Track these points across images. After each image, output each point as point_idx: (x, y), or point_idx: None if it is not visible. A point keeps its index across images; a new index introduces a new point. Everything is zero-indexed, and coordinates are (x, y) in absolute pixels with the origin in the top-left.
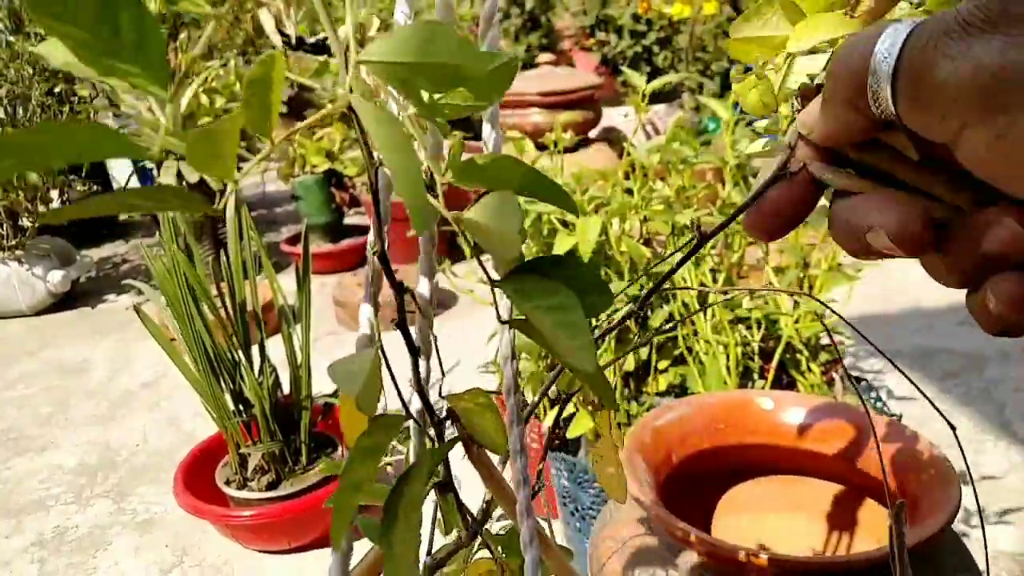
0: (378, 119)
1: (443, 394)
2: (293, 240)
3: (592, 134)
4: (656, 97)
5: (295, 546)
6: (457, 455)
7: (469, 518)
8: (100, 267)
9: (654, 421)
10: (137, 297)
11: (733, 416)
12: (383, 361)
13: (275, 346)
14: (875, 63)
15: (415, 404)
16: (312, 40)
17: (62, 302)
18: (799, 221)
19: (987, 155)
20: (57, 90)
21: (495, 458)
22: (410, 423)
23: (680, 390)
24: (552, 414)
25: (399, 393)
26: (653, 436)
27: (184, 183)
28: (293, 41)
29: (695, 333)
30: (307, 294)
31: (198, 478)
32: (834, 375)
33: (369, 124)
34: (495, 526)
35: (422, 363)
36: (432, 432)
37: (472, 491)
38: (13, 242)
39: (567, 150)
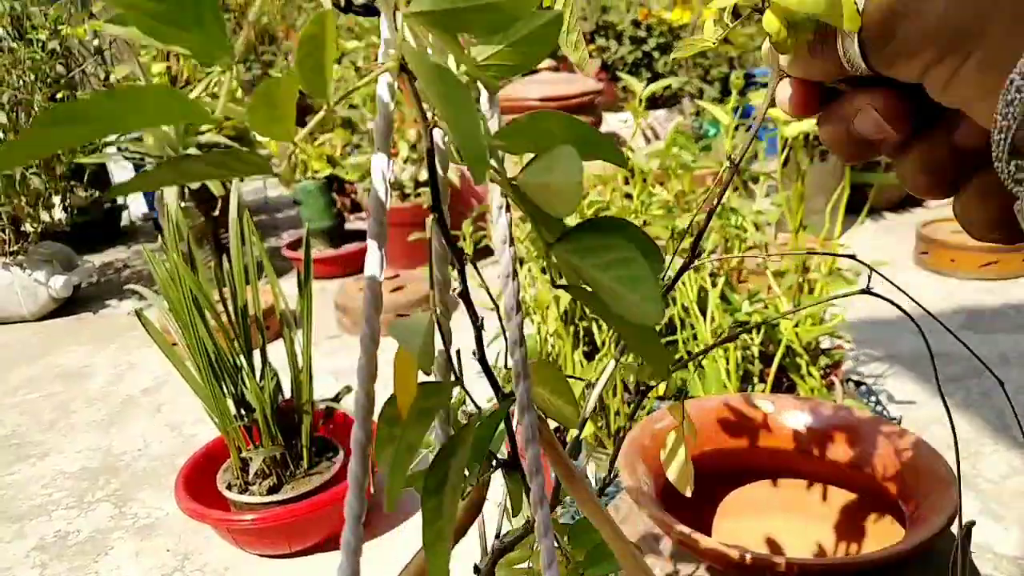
0: (434, 72)
1: (508, 365)
2: (294, 245)
3: None
4: (656, 103)
5: (296, 550)
6: None
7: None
8: (102, 273)
9: (654, 424)
10: (139, 302)
11: (733, 419)
12: (438, 327)
13: (277, 351)
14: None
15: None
16: (361, 1)
17: (64, 308)
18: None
19: (947, 89)
20: (59, 96)
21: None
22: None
23: (680, 394)
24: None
25: (450, 360)
26: (654, 439)
27: (186, 189)
28: (342, 3)
29: (695, 337)
30: (308, 299)
31: (199, 482)
32: (834, 379)
33: (425, 77)
34: (563, 516)
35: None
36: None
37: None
38: (15, 248)
39: None
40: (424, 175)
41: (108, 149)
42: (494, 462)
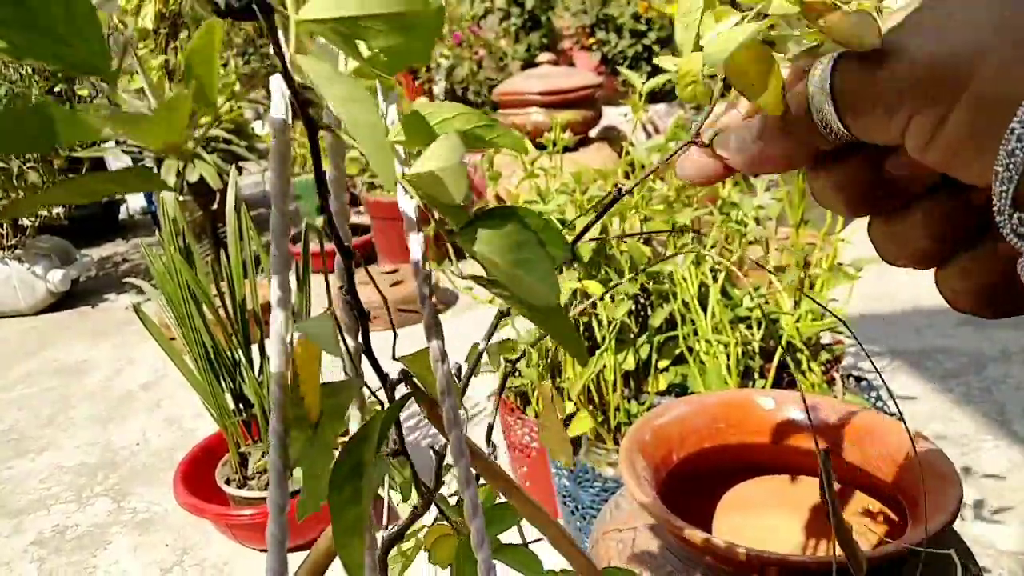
0: (331, 77)
1: (396, 357)
2: (293, 240)
3: (592, 133)
4: (656, 96)
5: (295, 545)
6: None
7: (423, 488)
8: (100, 267)
9: (654, 420)
10: (137, 297)
11: (733, 415)
12: (338, 329)
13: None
14: (812, 91)
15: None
16: (237, 3)
17: (62, 302)
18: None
19: (930, 146)
20: (57, 89)
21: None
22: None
23: (680, 389)
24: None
25: (348, 358)
26: (653, 435)
27: (185, 182)
28: (222, 5)
29: (695, 332)
30: (307, 294)
31: (198, 477)
32: (835, 374)
33: (322, 84)
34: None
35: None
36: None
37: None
38: (13, 241)
39: (567, 149)
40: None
41: (106, 143)
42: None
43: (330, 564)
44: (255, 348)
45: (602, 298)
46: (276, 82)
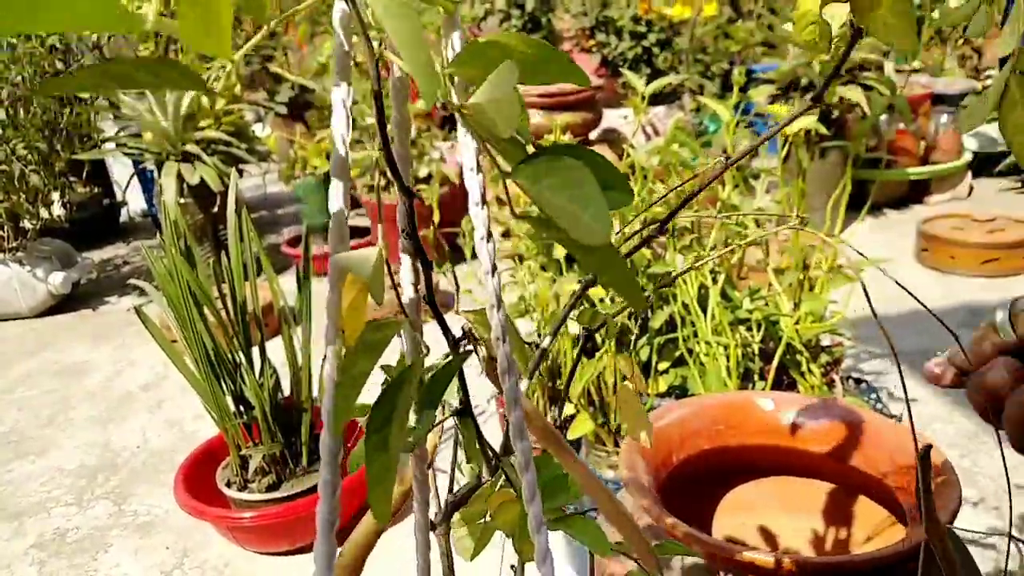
0: None
1: (459, 311)
2: (294, 242)
3: (592, 135)
4: (656, 98)
5: (296, 548)
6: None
7: (490, 452)
8: (101, 269)
9: (655, 422)
10: (138, 299)
11: (734, 417)
12: (386, 262)
13: (276, 348)
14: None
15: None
16: None
17: (63, 304)
18: None
19: None
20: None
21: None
22: (403, 330)
23: (680, 391)
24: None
25: (400, 302)
26: (653, 437)
27: (185, 185)
28: None
29: (695, 334)
30: (308, 296)
31: (199, 480)
32: (834, 376)
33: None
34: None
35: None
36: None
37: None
38: (14, 244)
39: None
40: (423, 172)
41: (107, 145)
42: (447, 410)
43: (379, 536)
44: (256, 350)
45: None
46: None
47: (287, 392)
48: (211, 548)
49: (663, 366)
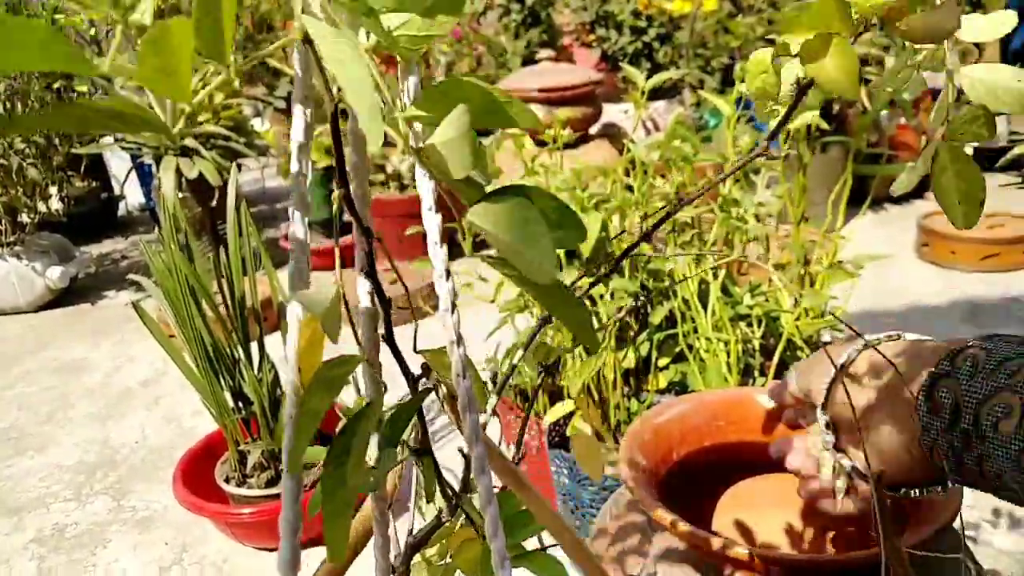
0: (329, 36)
1: (417, 349)
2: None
3: (592, 130)
4: (656, 93)
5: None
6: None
7: (450, 491)
8: (99, 263)
9: (654, 418)
10: (136, 294)
11: (734, 413)
12: (343, 299)
13: (274, 343)
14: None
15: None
16: None
17: (61, 299)
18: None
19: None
20: (55, 86)
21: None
22: (362, 368)
23: (680, 387)
24: (553, 411)
25: (357, 339)
26: (653, 433)
27: (183, 179)
28: None
29: (695, 330)
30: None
31: (197, 475)
32: None
33: (320, 42)
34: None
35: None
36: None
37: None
38: (12, 238)
39: (567, 146)
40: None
41: (105, 139)
42: (406, 450)
43: (355, 557)
44: (254, 345)
45: (601, 297)
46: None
47: None
48: (210, 543)
49: (663, 362)
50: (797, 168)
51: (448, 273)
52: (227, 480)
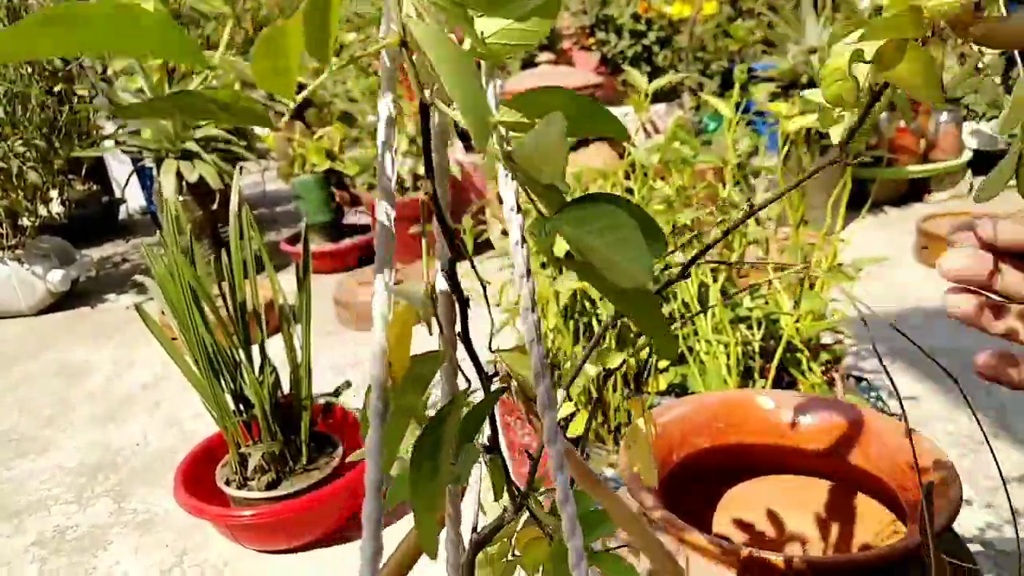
0: (436, 39)
1: (492, 348)
2: (293, 240)
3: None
4: (656, 97)
5: (295, 546)
6: None
7: (515, 491)
8: (100, 267)
9: (655, 419)
10: (138, 297)
11: (734, 415)
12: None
13: (275, 346)
14: None
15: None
16: None
17: (62, 302)
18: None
19: None
20: (56, 89)
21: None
22: (444, 367)
23: (681, 389)
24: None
25: (440, 334)
26: (655, 435)
27: (184, 183)
28: None
29: (695, 333)
30: (307, 294)
31: (198, 478)
32: (834, 375)
33: (427, 44)
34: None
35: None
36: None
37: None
38: (13, 242)
39: None
40: (423, 169)
41: (106, 142)
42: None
43: (417, 558)
44: (256, 348)
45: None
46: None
47: (287, 390)
48: (211, 546)
49: (663, 364)
50: (796, 171)
51: (529, 273)
52: (228, 483)
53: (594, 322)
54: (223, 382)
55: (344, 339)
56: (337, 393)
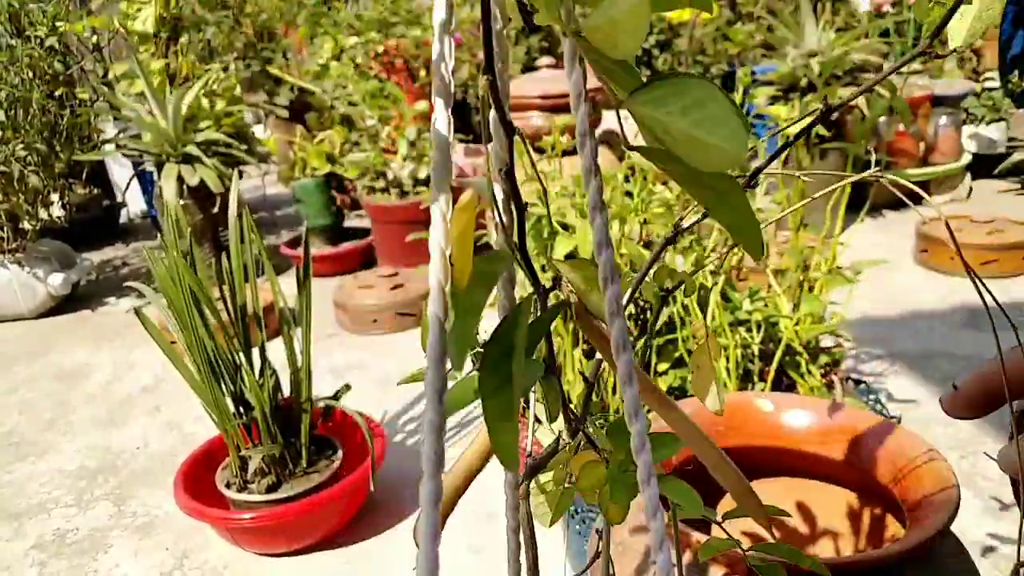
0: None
1: (551, 260)
2: (293, 243)
3: None
4: None
5: (295, 549)
6: None
7: (571, 415)
8: (100, 270)
9: (653, 423)
10: (138, 300)
11: (733, 418)
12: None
13: (276, 349)
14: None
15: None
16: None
17: (62, 305)
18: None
19: None
20: (57, 94)
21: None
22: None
23: (680, 392)
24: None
25: (502, 230)
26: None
27: (185, 186)
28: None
29: (695, 335)
30: (307, 297)
31: (198, 481)
32: (834, 377)
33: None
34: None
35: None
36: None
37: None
38: (13, 245)
39: (566, 153)
40: (423, 173)
41: (106, 146)
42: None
43: (482, 468)
44: (256, 351)
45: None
46: None
47: (287, 393)
48: (211, 549)
49: (662, 367)
50: (797, 175)
51: (597, 169)
52: (228, 486)
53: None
54: (223, 385)
55: (344, 342)
56: (337, 396)
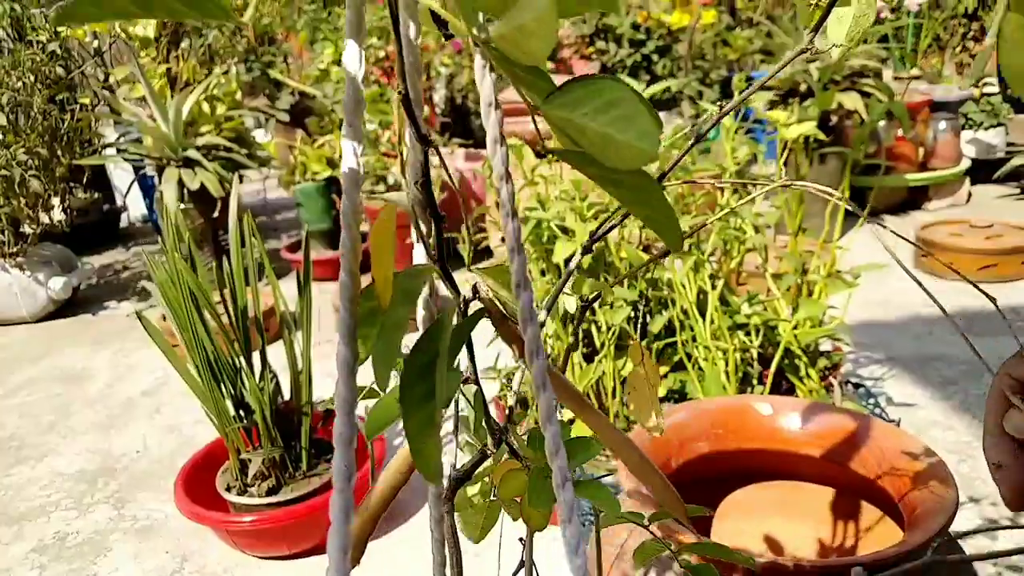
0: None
1: (471, 267)
2: (294, 247)
3: None
4: (655, 105)
5: (295, 552)
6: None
7: (494, 424)
8: (101, 274)
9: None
10: (138, 304)
11: (732, 421)
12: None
13: (276, 352)
14: None
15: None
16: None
17: (63, 309)
18: None
19: None
20: (59, 98)
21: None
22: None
23: (680, 396)
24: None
25: (424, 241)
26: (652, 441)
27: (185, 190)
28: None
29: (694, 339)
30: (308, 301)
31: (198, 484)
32: (833, 381)
33: None
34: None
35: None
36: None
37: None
38: (14, 249)
39: None
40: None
41: (107, 151)
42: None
43: (405, 482)
44: (256, 355)
45: (601, 305)
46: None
47: (287, 396)
48: (211, 552)
49: (662, 371)
50: (795, 179)
51: (509, 176)
52: (228, 489)
53: (593, 328)
54: (224, 388)
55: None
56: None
